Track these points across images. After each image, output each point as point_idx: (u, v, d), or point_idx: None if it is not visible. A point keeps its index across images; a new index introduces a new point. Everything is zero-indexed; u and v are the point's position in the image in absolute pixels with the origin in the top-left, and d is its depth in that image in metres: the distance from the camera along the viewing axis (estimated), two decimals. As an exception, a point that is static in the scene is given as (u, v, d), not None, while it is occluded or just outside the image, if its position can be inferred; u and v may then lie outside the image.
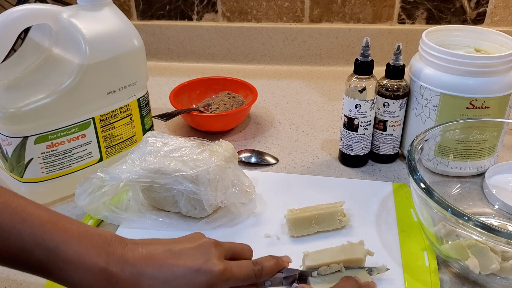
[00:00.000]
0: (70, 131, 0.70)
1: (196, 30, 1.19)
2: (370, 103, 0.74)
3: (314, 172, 0.80)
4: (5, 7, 1.12)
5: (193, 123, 0.91)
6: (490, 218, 0.69)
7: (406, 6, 1.12)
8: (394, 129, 0.78)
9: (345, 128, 0.78)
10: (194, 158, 0.65)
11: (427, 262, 0.60)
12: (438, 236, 0.59)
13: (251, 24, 1.17)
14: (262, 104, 1.02)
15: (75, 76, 0.67)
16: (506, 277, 0.56)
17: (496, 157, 0.76)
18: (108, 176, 0.65)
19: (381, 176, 0.78)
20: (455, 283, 0.59)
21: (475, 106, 0.71)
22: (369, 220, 0.68)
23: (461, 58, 0.70)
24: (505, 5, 1.10)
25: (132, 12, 1.19)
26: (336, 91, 1.08)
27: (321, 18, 1.16)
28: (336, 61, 1.19)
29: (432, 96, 0.72)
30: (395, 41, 1.14)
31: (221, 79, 1.01)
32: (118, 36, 0.72)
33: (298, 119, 0.97)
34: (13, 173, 0.70)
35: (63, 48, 0.70)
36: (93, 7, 0.70)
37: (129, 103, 0.76)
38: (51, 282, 0.57)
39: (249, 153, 0.83)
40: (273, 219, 0.68)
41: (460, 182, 0.75)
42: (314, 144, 0.88)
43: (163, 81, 1.14)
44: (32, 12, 0.67)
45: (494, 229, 0.50)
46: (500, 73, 0.70)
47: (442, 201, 0.54)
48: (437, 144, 0.72)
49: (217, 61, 1.22)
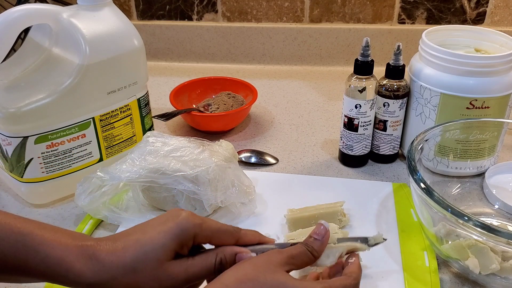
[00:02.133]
0: (70, 131, 0.70)
1: (196, 30, 1.19)
2: (370, 103, 0.74)
3: (314, 172, 0.80)
4: (5, 7, 1.12)
5: (193, 123, 0.91)
6: (490, 218, 0.69)
7: (406, 6, 1.12)
8: (394, 129, 0.78)
9: (345, 128, 0.78)
10: (194, 158, 0.65)
11: (427, 262, 0.60)
12: (438, 236, 0.59)
13: (251, 24, 1.17)
14: (262, 104, 1.02)
15: (75, 76, 0.67)
16: (506, 277, 0.56)
17: (496, 157, 0.76)
18: (108, 175, 0.65)
19: (381, 176, 0.78)
20: (455, 283, 0.59)
21: (475, 106, 0.71)
22: (369, 220, 0.68)
23: (461, 58, 0.70)
24: (505, 5, 1.10)
25: (132, 12, 1.19)
26: (336, 91, 1.08)
27: (321, 18, 1.16)
28: (336, 61, 1.19)
29: (432, 96, 0.72)
30: (395, 41, 1.14)
31: (221, 79, 1.01)
32: (118, 36, 0.72)
33: (298, 119, 0.97)
34: (13, 173, 0.70)
35: (63, 48, 0.70)
36: (93, 7, 0.70)
37: (129, 103, 0.76)
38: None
39: (249, 153, 0.83)
40: (273, 219, 0.68)
41: (460, 182, 0.75)
42: (314, 144, 0.88)
43: (163, 81, 1.14)
44: (32, 12, 0.67)
45: (494, 229, 0.50)
46: (500, 73, 0.70)
47: (442, 201, 0.54)
48: (437, 144, 0.72)
49: (217, 61, 1.22)
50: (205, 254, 0.47)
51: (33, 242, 0.44)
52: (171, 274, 0.45)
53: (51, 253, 0.44)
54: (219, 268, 0.47)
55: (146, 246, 0.45)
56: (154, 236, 0.45)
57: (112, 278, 0.44)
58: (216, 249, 0.48)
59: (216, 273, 0.46)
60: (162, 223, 0.46)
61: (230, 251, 0.48)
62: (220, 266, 0.47)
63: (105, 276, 0.44)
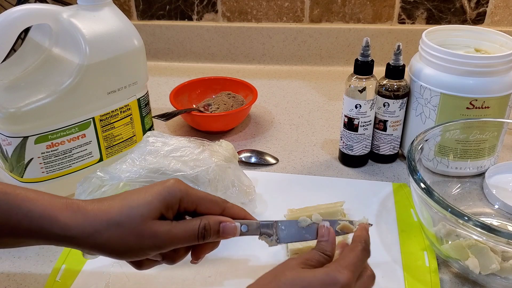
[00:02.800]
0: (70, 131, 0.70)
1: (196, 30, 1.19)
2: (370, 103, 0.74)
3: (314, 172, 0.80)
4: (5, 7, 1.12)
5: (193, 123, 0.91)
6: (490, 218, 0.69)
7: (406, 6, 1.12)
8: (394, 129, 0.78)
9: (345, 128, 0.78)
10: (194, 158, 0.65)
11: (427, 262, 0.60)
12: (438, 236, 0.59)
13: (251, 24, 1.17)
14: (262, 104, 1.02)
15: (75, 76, 0.67)
16: (506, 277, 0.56)
17: (496, 157, 0.76)
18: (108, 175, 0.65)
19: (381, 176, 0.78)
20: (455, 283, 0.59)
21: (475, 106, 0.71)
22: (369, 220, 0.68)
23: (461, 58, 0.70)
24: (505, 5, 1.10)
25: (132, 12, 1.19)
26: (336, 91, 1.08)
27: (321, 18, 1.16)
28: (336, 61, 1.19)
29: (432, 96, 0.72)
30: (395, 41, 1.14)
31: (221, 79, 1.01)
32: (118, 36, 0.72)
33: (298, 119, 0.97)
34: (13, 173, 0.70)
35: (63, 48, 0.70)
36: (93, 7, 0.70)
37: (129, 103, 0.76)
38: (51, 282, 0.58)
39: (249, 153, 0.83)
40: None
41: (460, 182, 0.75)
42: (314, 144, 0.88)
43: (163, 81, 1.14)
44: (32, 12, 0.67)
45: (494, 229, 0.50)
46: (500, 73, 0.70)
47: (442, 201, 0.54)
48: (437, 144, 0.72)
49: (217, 61, 1.22)
50: (190, 219, 0.48)
51: (16, 200, 0.44)
52: (154, 232, 0.46)
53: (34, 208, 0.45)
54: (203, 234, 0.47)
55: (132, 202, 0.46)
56: (141, 196, 0.47)
57: (95, 231, 0.45)
58: (201, 216, 0.49)
59: (200, 239, 0.47)
60: (150, 187, 0.48)
61: (215, 219, 0.48)
62: (204, 232, 0.47)
63: (89, 229, 0.45)
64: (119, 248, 0.45)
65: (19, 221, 0.44)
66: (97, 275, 0.59)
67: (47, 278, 0.59)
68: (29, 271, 0.61)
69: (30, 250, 0.64)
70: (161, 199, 0.46)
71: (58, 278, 0.59)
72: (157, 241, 0.46)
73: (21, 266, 0.62)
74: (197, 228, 0.47)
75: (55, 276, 0.59)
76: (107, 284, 0.58)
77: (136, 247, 0.46)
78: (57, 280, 0.58)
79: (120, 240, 0.45)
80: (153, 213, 0.46)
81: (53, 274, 0.59)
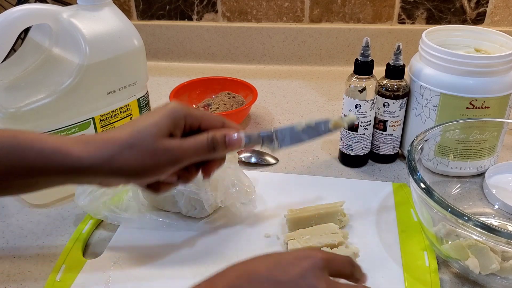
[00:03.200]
0: (70, 131, 0.70)
1: (196, 30, 1.19)
2: (370, 103, 0.74)
3: (314, 172, 0.80)
4: (5, 7, 1.12)
5: (193, 123, 0.91)
6: (490, 218, 0.69)
7: (406, 6, 1.12)
8: (394, 129, 0.78)
9: (345, 128, 0.78)
10: (194, 158, 0.65)
11: (427, 262, 0.60)
12: (438, 236, 0.59)
13: (251, 24, 1.17)
14: (262, 104, 1.02)
15: (75, 76, 0.67)
16: (506, 277, 0.56)
17: (496, 157, 0.76)
18: (108, 176, 0.65)
19: (381, 176, 0.78)
20: (455, 283, 0.59)
21: (475, 106, 0.71)
22: (369, 220, 0.68)
23: (461, 58, 0.70)
24: (505, 5, 1.10)
25: (132, 12, 1.19)
26: (336, 91, 1.08)
27: (321, 18, 1.16)
28: (336, 61, 1.19)
29: (432, 96, 0.72)
30: (395, 41, 1.14)
31: (221, 79, 1.01)
32: (118, 36, 0.72)
33: (298, 119, 0.97)
34: (13, 173, 0.70)
35: (63, 48, 0.70)
36: (93, 7, 0.70)
37: (129, 103, 0.76)
38: (51, 282, 0.58)
39: (249, 153, 0.83)
40: (273, 219, 0.68)
41: (460, 182, 0.75)
42: (314, 144, 0.88)
43: (163, 81, 1.14)
44: (32, 12, 0.67)
45: (494, 229, 0.50)
46: (500, 73, 0.70)
47: (442, 201, 0.54)
48: (437, 144, 0.72)
49: (217, 61, 1.22)
50: (197, 134, 0.50)
51: (27, 141, 0.45)
52: (167, 148, 0.47)
53: (46, 146, 0.45)
54: (212, 145, 0.49)
55: (140, 126, 0.47)
56: (148, 119, 0.48)
57: (110, 156, 0.46)
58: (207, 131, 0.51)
59: (210, 151, 0.49)
60: (153, 111, 0.50)
61: (220, 132, 0.51)
62: (213, 143, 0.49)
63: (104, 155, 0.46)
64: (135, 169, 0.47)
65: (33, 160, 0.45)
66: (97, 275, 0.59)
67: (47, 278, 0.59)
68: (29, 271, 0.61)
69: (30, 250, 0.64)
70: (168, 118, 0.48)
71: (58, 278, 0.58)
72: (171, 156, 0.47)
73: (21, 266, 0.62)
74: (205, 139, 0.49)
75: (55, 276, 0.59)
76: (107, 284, 0.58)
77: (152, 165, 0.47)
78: (57, 280, 0.58)
79: (135, 161, 0.46)
80: (163, 132, 0.48)
81: (53, 274, 0.59)
